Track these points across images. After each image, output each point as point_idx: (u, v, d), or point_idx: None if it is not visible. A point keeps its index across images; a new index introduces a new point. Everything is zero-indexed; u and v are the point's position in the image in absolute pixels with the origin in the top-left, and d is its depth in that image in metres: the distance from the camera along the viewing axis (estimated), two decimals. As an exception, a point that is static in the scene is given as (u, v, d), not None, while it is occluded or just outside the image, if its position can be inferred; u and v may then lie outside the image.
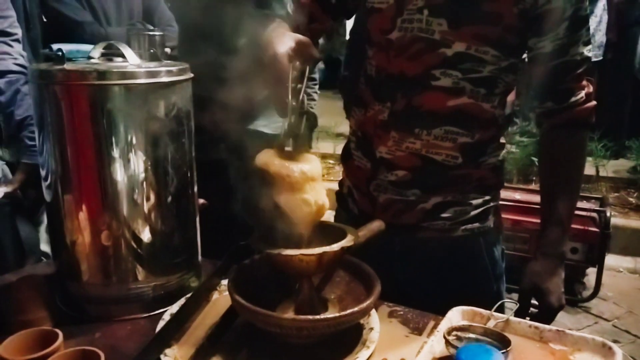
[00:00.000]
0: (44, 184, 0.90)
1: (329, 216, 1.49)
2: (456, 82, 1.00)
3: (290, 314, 0.78)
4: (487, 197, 1.06)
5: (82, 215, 0.88)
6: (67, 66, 0.82)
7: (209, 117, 0.90)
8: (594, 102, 1.02)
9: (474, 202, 1.05)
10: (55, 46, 0.88)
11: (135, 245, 0.91)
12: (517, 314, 0.91)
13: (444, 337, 0.75)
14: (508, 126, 1.12)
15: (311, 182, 0.80)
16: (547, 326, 0.83)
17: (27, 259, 1.13)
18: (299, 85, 0.89)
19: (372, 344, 0.79)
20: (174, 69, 0.90)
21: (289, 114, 0.83)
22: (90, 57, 0.91)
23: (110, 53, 0.92)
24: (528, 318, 0.98)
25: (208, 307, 0.92)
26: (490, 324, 0.83)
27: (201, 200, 1.16)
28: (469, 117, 1.02)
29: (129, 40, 0.94)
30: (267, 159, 0.80)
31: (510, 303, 1.06)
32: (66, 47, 0.90)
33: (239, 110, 0.89)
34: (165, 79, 0.89)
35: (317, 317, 0.75)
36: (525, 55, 1.05)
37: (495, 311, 0.87)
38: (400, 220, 1.07)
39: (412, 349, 0.81)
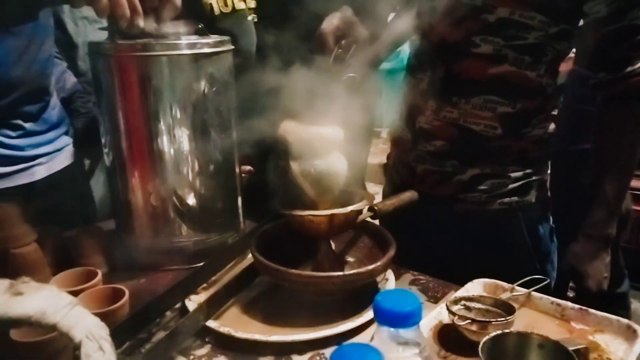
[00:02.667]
0: (104, 150, 1.02)
1: (378, 189, 1.49)
2: (498, 49, 0.96)
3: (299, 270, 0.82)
4: (529, 171, 1.01)
5: (135, 178, 0.99)
6: (117, 39, 0.92)
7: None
8: None
9: (513, 175, 1.01)
10: None
11: (179, 205, 1.00)
12: (555, 295, 0.87)
13: (447, 305, 0.75)
14: (559, 97, 1.04)
15: (328, 147, 0.83)
16: (569, 304, 0.79)
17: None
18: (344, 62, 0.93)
19: (379, 306, 0.80)
20: (212, 40, 0.96)
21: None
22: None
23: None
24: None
25: (243, 263, 0.99)
26: (504, 296, 0.80)
27: (247, 167, 1.24)
28: (511, 86, 0.97)
29: None
30: (291, 125, 0.84)
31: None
32: None
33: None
34: (205, 50, 0.95)
35: (322, 274, 0.79)
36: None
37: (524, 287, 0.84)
38: (436, 191, 1.06)
39: (423, 315, 0.81)
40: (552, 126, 1.05)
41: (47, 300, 0.44)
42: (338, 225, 0.81)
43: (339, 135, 0.84)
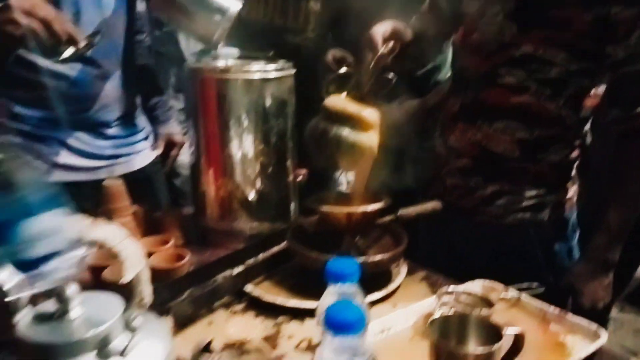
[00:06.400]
0: (189, 150, 1.29)
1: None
2: (521, 80, 1.08)
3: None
4: (543, 191, 1.11)
5: (210, 174, 1.24)
6: (201, 64, 1.18)
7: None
8: None
9: (527, 193, 1.12)
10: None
11: (241, 197, 1.23)
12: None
13: (437, 295, 0.89)
14: (582, 128, 1.13)
15: (370, 126, 0.99)
16: (552, 307, 0.90)
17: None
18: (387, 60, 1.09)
19: (384, 290, 0.97)
20: (276, 67, 1.19)
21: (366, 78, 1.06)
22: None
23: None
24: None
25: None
26: (494, 296, 0.93)
27: (303, 170, 1.45)
28: (530, 115, 1.09)
29: None
30: (337, 99, 1.02)
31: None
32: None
33: None
34: (271, 75, 1.18)
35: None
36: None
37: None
38: (461, 203, 1.19)
39: (423, 304, 0.96)
40: (574, 153, 1.14)
41: (109, 231, 0.67)
42: (356, 221, 0.99)
43: (376, 117, 0.99)
